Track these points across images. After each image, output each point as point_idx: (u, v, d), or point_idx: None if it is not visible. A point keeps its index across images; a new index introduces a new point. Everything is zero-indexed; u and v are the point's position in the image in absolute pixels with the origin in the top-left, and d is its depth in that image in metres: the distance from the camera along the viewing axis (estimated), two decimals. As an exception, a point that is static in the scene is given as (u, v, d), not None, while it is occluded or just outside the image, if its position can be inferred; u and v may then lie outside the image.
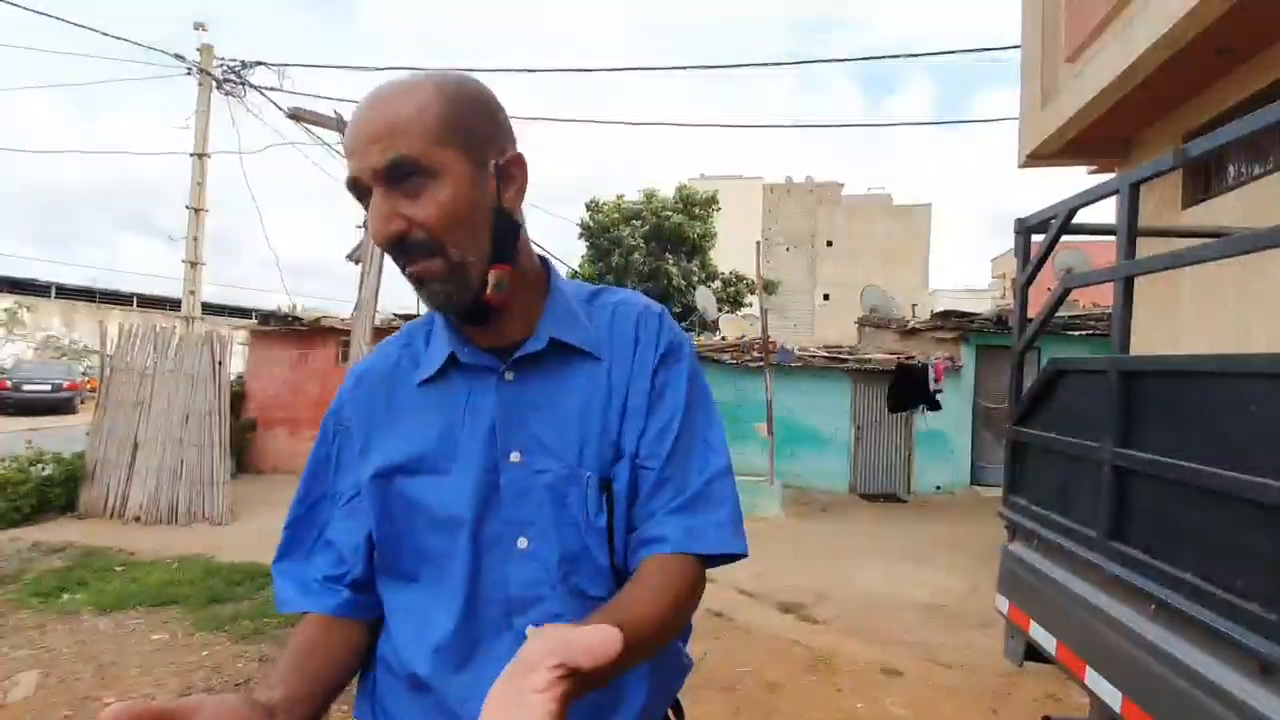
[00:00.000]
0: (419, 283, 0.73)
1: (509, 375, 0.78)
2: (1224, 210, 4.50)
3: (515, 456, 0.76)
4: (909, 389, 8.93)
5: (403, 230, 0.69)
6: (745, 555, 0.78)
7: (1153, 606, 1.61)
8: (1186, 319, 4.79)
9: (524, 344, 0.78)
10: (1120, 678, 1.66)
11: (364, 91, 0.70)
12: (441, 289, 0.72)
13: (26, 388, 16.46)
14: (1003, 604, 2.40)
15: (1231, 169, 4.67)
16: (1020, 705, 3.30)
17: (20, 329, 21.38)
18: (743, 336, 10.55)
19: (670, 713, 0.87)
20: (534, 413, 0.77)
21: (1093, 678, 1.77)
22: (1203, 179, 4.94)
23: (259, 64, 9.43)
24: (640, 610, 0.65)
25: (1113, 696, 1.67)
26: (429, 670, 0.75)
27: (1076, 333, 9.01)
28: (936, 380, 8.88)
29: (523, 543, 0.76)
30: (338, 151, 3.19)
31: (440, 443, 0.77)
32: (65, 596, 4.49)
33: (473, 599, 0.76)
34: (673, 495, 0.77)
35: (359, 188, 0.71)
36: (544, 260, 0.86)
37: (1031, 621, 2.17)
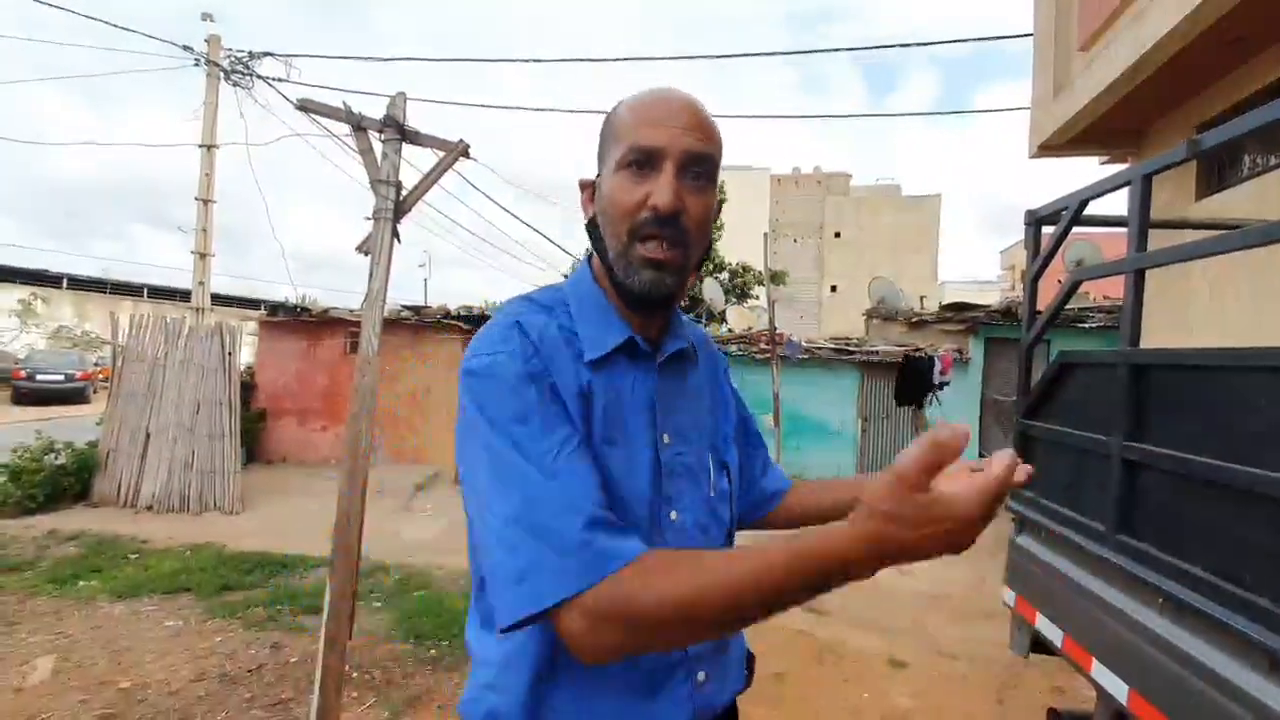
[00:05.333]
0: (655, 266, 0.79)
1: (660, 367, 0.88)
2: (1238, 202, 4.44)
3: (666, 439, 0.86)
4: (916, 381, 8.90)
5: (680, 210, 0.78)
6: None
7: (1160, 600, 1.61)
8: (1199, 312, 4.75)
9: (665, 341, 0.89)
10: (1127, 671, 1.66)
11: (372, 84, 0.71)
12: (669, 278, 0.81)
13: (40, 378, 16.61)
14: (1009, 596, 2.40)
15: (1246, 160, 4.61)
16: (1026, 697, 3.31)
17: (34, 320, 21.57)
18: (750, 328, 10.53)
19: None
20: (676, 402, 0.89)
21: (1099, 670, 1.77)
22: (1217, 170, 4.87)
23: (266, 54, 9.43)
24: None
25: (1119, 689, 1.67)
26: None
27: (1086, 325, 8.94)
28: (943, 373, 8.83)
29: (674, 515, 0.85)
30: (347, 144, 3.19)
31: (610, 419, 0.82)
32: (80, 583, 4.56)
33: None
34: (764, 460, 1.13)
35: (650, 155, 0.78)
36: None
37: (1038, 614, 2.17)
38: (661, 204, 0.77)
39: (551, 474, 0.70)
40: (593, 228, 0.87)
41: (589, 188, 0.89)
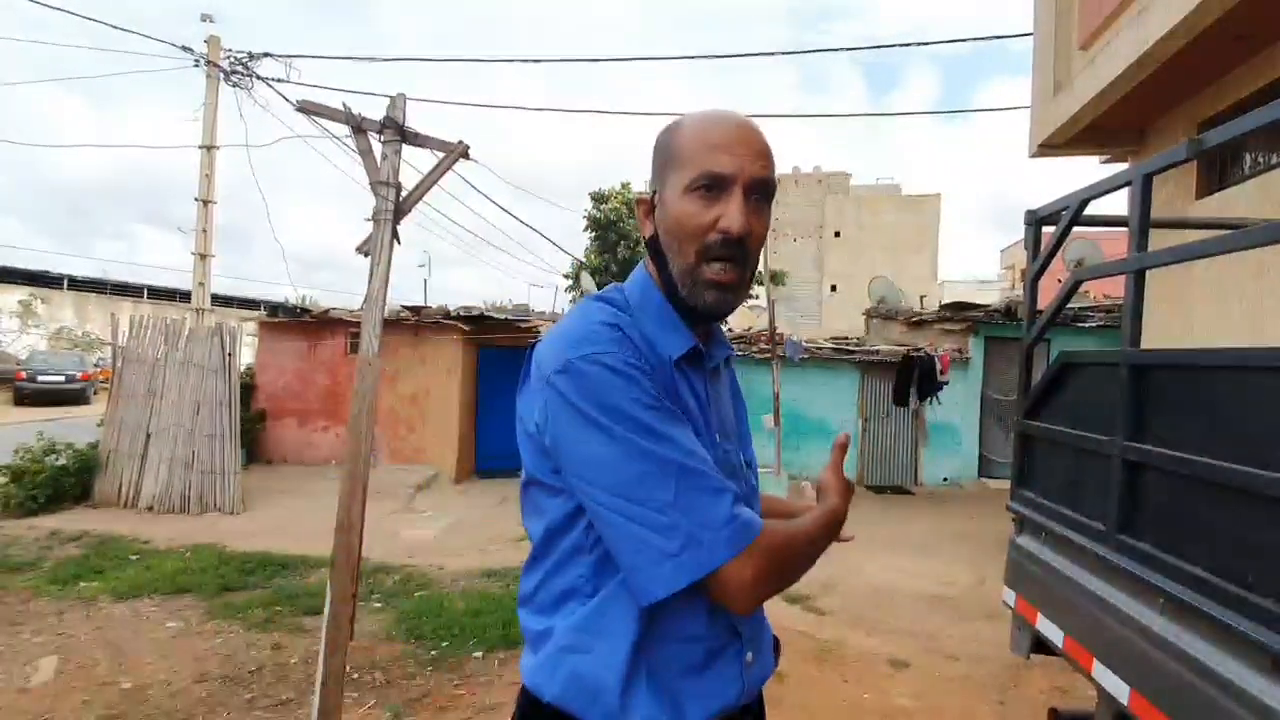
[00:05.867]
0: (718, 287, 0.85)
1: (711, 372, 0.95)
2: (1239, 201, 4.44)
3: (718, 438, 0.93)
4: (921, 380, 8.90)
5: (748, 234, 0.84)
6: None
7: (1162, 600, 1.61)
8: (1200, 312, 4.74)
9: (713, 348, 0.97)
10: (1128, 671, 1.66)
11: (372, 84, 0.72)
12: (731, 296, 0.87)
13: (41, 379, 16.65)
14: (1010, 596, 2.40)
15: (1248, 158, 4.61)
16: (1026, 697, 3.30)
17: (34, 320, 21.58)
18: (750, 328, 10.53)
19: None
20: (721, 404, 0.98)
21: (1100, 671, 1.77)
22: (1218, 169, 4.87)
23: (266, 55, 9.43)
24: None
25: (1120, 690, 1.67)
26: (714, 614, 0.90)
27: (1087, 325, 8.94)
28: (942, 373, 8.83)
29: None
30: (347, 145, 3.19)
31: (688, 415, 0.88)
32: (82, 584, 4.57)
33: None
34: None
35: (720, 181, 0.83)
36: None
37: (1039, 614, 2.17)
38: (735, 228, 0.83)
39: (696, 458, 0.78)
40: (653, 243, 0.91)
41: (645, 203, 0.93)
